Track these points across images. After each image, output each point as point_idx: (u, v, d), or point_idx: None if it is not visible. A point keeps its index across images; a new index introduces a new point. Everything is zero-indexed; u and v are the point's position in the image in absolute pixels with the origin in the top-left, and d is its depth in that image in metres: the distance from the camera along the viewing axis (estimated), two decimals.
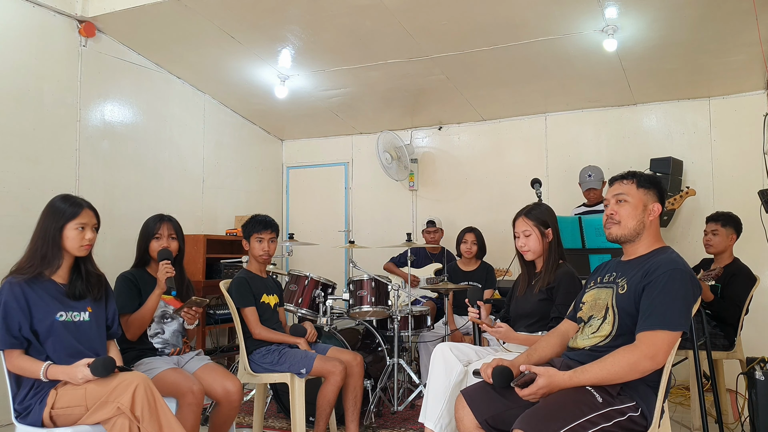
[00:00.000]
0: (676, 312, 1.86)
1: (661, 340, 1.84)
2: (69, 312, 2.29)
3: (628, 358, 1.84)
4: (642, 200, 2.08)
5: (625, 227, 2.07)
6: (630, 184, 2.10)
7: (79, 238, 2.28)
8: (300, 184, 6.74)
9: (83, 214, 2.31)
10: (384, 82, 5.14)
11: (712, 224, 3.84)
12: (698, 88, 4.99)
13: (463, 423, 2.07)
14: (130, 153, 4.72)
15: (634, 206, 2.07)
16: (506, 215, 4.80)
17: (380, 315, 4.12)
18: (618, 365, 1.85)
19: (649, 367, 1.85)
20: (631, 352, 1.85)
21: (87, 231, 2.31)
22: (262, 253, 3.28)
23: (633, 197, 2.08)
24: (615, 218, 2.09)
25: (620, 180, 2.14)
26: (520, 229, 2.73)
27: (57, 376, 2.16)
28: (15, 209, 3.77)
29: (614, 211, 2.10)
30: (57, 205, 2.32)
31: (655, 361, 1.84)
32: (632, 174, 2.13)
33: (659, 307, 1.86)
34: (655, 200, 2.09)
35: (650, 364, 1.84)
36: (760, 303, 4.09)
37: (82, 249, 2.30)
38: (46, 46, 4.07)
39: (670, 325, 1.84)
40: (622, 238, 2.09)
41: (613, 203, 2.11)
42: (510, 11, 3.94)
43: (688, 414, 3.91)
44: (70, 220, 2.28)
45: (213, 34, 4.37)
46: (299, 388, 3.09)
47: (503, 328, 2.52)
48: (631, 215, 2.07)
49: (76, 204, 2.32)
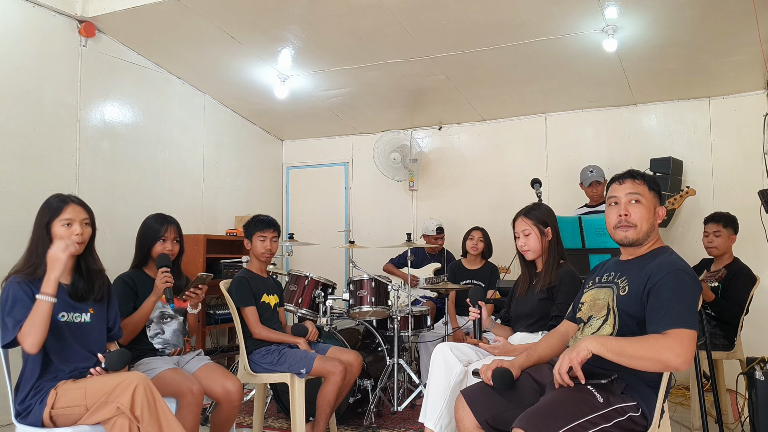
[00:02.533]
0: (691, 312, 1.82)
1: (687, 337, 1.76)
2: (71, 313, 2.29)
3: (660, 347, 1.74)
4: (653, 203, 2.04)
5: (640, 231, 2.01)
6: (642, 184, 2.03)
7: (66, 234, 2.27)
8: (300, 184, 6.74)
9: (68, 210, 2.29)
10: (384, 82, 5.14)
11: (713, 225, 3.80)
12: (698, 88, 4.99)
13: (463, 423, 2.07)
14: (130, 153, 4.72)
15: (648, 208, 2.01)
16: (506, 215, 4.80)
17: (380, 315, 4.12)
18: (649, 350, 1.75)
19: (675, 364, 1.74)
20: (665, 342, 1.75)
21: (75, 226, 2.29)
22: (264, 251, 3.28)
23: (647, 199, 2.02)
24: (630, 221, 2.00)
25: (632, 179, 2.04)
26: (520, 228, 2.74)
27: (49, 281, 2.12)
28: (15, 209, 3.77)
29: (628, 212, 2.01)
30: (46, 203, 2.33)
31: (681, 359, 1.72)
32: (641, 174, 2.06)
33: (673, 308, 1.81)
34: (660, 203, 2.07)
35: (677, 361, 1.73)
36: (760, 303, 4.09)
37: (72, 245, 2.28)
38: (46, 46, 4.07)
39: (688, 323, 1.78)
40: (636, 242, 2.02)
41: (626, 202, 2.02)
42: (510, 11, 3.94)
43: (688, 414, 3.91)
44: (55, 216, 2.28)
45: (213, 34, 4.37)
46: (299, 388, 3.09)
47: (500, 342, 2.51)
48: (645, 218, 2.01)
49: (62, 200, 2.32)
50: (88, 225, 2.35)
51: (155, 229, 2.84)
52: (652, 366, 1.78)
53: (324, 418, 3.18)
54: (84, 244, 2.33)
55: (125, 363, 2.14)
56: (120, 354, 2.14)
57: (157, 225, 2.85)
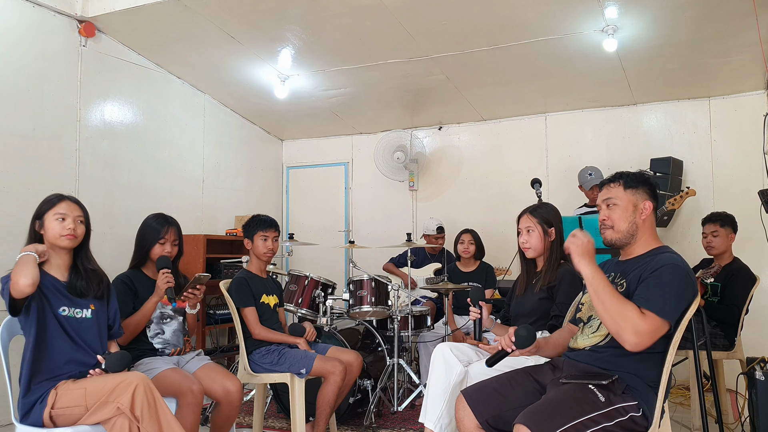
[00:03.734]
0: (669, 302, 1.85)
1: (651, 321, 1.82)
2: (72, 308, 2.30)
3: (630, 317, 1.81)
4: (631, 201, 2.07)
5: (618, 230, 2.07)
6: (617, 186, 2.10)
7: (59, 227, 2.29)
8: (300, 184, 6.74)
9: (63, 205, 2.33)
10: (384, 82, 5.14)
11: (711, 225, 3.82)
12: (698, 88, 4.99)
13: (463, 423, 2.07)
14: (130, 153, 4.71)
15: (623, 208, 2.07)
16: (506, 215, 4.80)
17: (380, 315, 4.12)
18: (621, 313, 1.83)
19: (630, 341, 1.81)
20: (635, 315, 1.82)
21: (68, 221, 2.31)
22: (266, 251, 3.28)
23: (621, 199, 2.08)
24: (607, 223, 2.09)
25: (607, 184, 2.14)
26: (524, 225, 2.73)
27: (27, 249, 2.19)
28: (15, 209, 3.76)
29: (606, 216, 2.10)
30: (43, 200, 2.36)
31: (639, 338, 1.81)
32: (618, 176, 2.12)
33: (651, 293, 1.87)
34: (646, 198, 2.08)
35: (633, 339, 1.81)
36: (760, 303, 4.09)
37: (64, 239, 2.30)
38: (46, 46, 4.07)
39: (661, 311, 1.83)
40: (616, 241, 2.09)
41: (604, 208, 2.11)
42: (510, 11, 3.94)
43: (688, 414, 3.91)
44: (49, 208, 2.31)
45: (213, 34, 4.37)
46: (299, 388, 3.09)
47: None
48: (621, 218, 2.06)
49: (58, 196, 2.36)
50: (82, 223, 2.36)
51: (155, 229, 2.84)
52: (609, 326, 1.88)
53: (324, 418, 3.18)
54: (78, 239, 2.35)
55: (125, 365, 2.14)
56: (120, 356, 2.14)
57: (157, 226, 2.85)
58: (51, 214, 2.30)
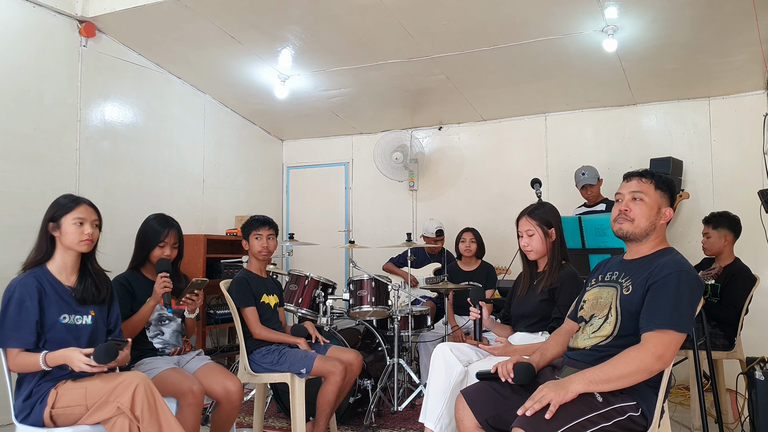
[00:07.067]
0: (684, 313, 1.84)
1: (669, 339, 1.82)
2: (72, 315, 2.29)
3: (640, 359, 1.81)
4: (658, 202, 2.05)
5: (637, 226, 2.03)
6: (649, 183, 2.06)
7: (78, 233, 2.28)
8: (300, 184, 6.74)
9: (81, 209, 2.31)
10: (384, 82, 5.14)
11: (704, 227, 3.89)
12: (698, 88, 4.99)
13: (463, 423, 2.06)
14: (130, 153, 4.72)
15: (650, 207, 2.04)
16: (506, 215, 4.79)
17: (380, 315, 4.12)
18: (630, 366, 1.81)
19: (658, 368, 1.83)
20: (641, 352, 1.82)
21: (86, 226, 2.30)
22: (261, 249, 3.27)
23: (651, 197, 2.04)
24: (629, 215, 2.04)
25: (639, 177, 2.08)
26: (524, 228, 2.71)
27: (57, 361, 2.14)
28: (15, 209, 3.77)
29: (629, 207, 2.05)
30: (56, 201, 2.34)
31: (663, 361, 1.82)
32: (650, 173, 2.09)
33: (667, 307, 1.85)
34: (668, 204, 2.07)
35: (659, 365, 1.82)
36: (760, 303, 4.09)
37: (83, 244, 2.29)
38: (46, 46, 4.07)
39: (678, 326, 1.82)
40: (631, 236, 2.05)
41: (629, 199, 2.06)
42: (510, 11, 3.94)
43: (688, 414, 3.91)
44: (66, 212, 2.29)
45: (213, 34, 4.37)
46: (299, 388, 3.10)
47: (500, 343, 2.50)
48: (645, 215, 2.03)
49: (74, 199, 2.34)
50: (97, 227, 2.36)
51: (156, 231, 2.83)
52: (641, 377, 1.84)
53: (324, 418, 3.18)
54: (93, 244, 2.35)
55: (112, 357, 2.10)
56: (106, 348, 2.09)
57: (158, 227, 2.84)
58: (69, 218, 2.28)
